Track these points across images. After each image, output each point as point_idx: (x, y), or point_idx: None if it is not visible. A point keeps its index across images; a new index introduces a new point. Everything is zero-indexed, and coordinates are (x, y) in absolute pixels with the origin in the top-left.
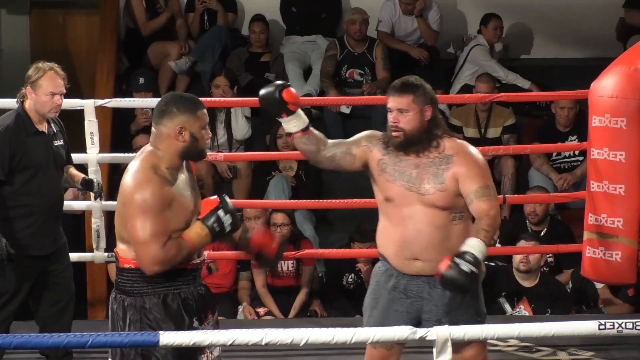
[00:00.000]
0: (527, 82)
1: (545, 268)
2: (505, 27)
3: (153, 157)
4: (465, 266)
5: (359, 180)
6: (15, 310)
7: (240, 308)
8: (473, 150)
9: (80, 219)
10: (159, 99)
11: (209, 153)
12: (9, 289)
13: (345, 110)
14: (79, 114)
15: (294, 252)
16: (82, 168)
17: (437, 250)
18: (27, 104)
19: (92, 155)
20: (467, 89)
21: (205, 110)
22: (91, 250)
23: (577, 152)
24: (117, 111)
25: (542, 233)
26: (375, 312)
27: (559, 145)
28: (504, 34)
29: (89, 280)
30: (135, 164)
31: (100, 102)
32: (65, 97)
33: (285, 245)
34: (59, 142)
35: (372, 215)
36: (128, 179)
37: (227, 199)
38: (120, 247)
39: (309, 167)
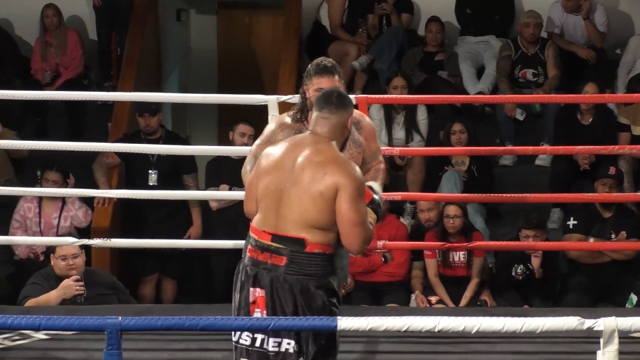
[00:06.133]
0: None
1: None
2: None
3: (336, 149)
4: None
5: (530, 177)
6: None
7: (413, 296)
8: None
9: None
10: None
11: (385, 148)
12: None
13: (519, 117)
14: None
15: (465, 244)
16: None
17: None
18: None
19: None
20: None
21: None
22: None
23: None
24: None
25: None
26: None
27: None
28: None
29: None
30: (330, 153)
31: (283, 97)
32: (249, 93)
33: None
34: None
35: (540, 209)
36: (334, 167)
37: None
38: (309, 233)
39: (481, 163)
